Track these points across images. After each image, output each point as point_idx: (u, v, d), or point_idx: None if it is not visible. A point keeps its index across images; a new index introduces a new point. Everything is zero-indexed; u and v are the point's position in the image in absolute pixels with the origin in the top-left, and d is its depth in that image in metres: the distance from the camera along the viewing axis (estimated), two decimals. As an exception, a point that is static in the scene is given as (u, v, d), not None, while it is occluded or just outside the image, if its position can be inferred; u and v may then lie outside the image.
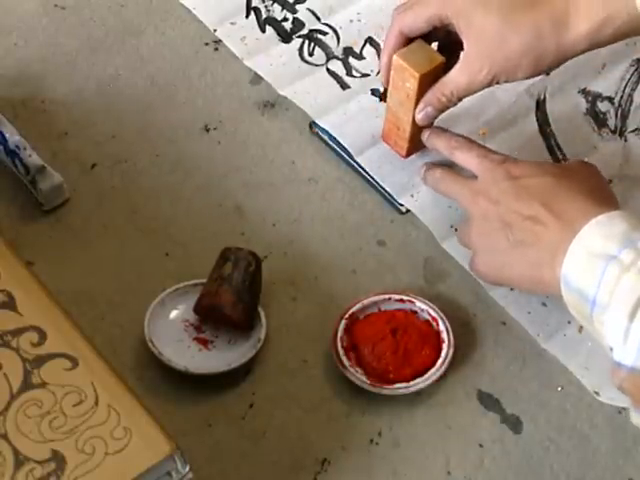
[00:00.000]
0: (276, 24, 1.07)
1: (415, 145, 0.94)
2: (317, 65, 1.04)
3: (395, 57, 0.89)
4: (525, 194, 0.82)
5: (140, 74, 1.03)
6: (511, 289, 0.88)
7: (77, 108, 1.00)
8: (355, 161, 0.96)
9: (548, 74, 0.99)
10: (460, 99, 0.89)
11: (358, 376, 0.82)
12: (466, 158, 0.88)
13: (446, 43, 0.89)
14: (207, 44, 1.06)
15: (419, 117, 0.90)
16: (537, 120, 0.99)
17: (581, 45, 0.85)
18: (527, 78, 0.86)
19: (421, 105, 0.90)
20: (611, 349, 0.72)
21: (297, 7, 1.08)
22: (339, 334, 0.84)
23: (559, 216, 0.79)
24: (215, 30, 1.06)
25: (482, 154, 0.88)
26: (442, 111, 0.90)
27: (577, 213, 0.77)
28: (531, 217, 0.80)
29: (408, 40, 0.89)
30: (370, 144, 0.96)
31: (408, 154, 0.95)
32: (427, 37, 0.89)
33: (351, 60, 1.04)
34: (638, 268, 0.71)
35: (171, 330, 0.85)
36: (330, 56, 1.04)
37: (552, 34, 0.84)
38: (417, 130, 0.92)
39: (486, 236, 0.84)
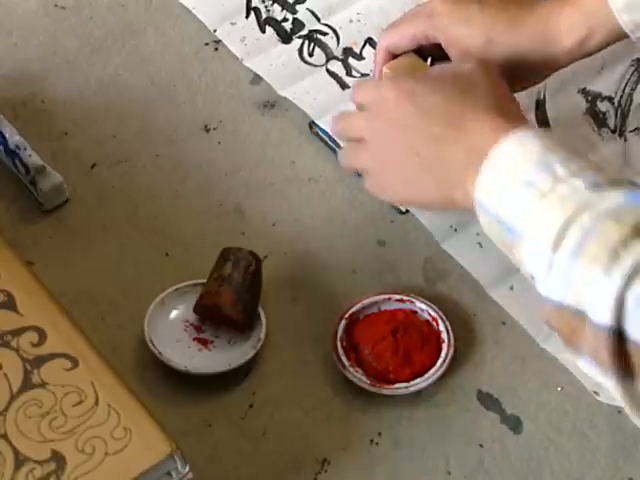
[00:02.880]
0: (276, 24, 1.07)
1: None
2: (317, 65, 1.04)
3: (384, 70, 0.89)
4: (428, 114, 0.78)
5: (140, 74, 1.03)
6: (511, 289, 0.88)
7: (77, 108, 1.00)
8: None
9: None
10: None
11: (358, 376, 0.82)
12: (364, 96, 0.83)
13: (438, 57, 0.89)
14: (207, 44, 1.06)
15: None
16: (537, 120, 0.99)
17: (565, 60, 0.86)
18: (514, 92, 0.84)
19: None
20: (532, 277, 0.69)
21: (297, 7, 1.08)
22: (339, 334, 0.84)
23: (466, 134, 0.75)
24: (215, 30, 1.06)
25: (376, 82, 0.86)
26: None
27: (485, 131, 0.73)
28: (436, 137, 0.77)
29: (396, 56, 0.90)
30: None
31: None
32: (420, 51, 0.90)
33: (351, 60, 1.04)
34: (557, 195, 0.67)
35: (171, 330, 0.85)
36: (330, 56, 1.04)
37: (534, 52, 0.85)
38: None
39: (388, 158, 0.80)
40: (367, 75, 1.02)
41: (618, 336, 0.62)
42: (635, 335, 0.62)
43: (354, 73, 1.03)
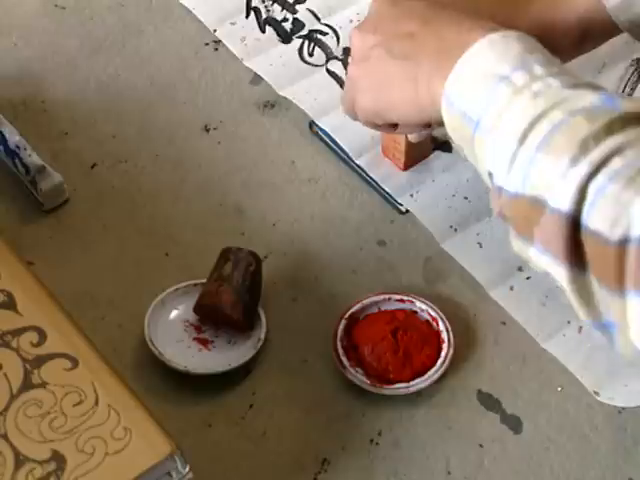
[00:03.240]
0: (276, 24, 1.07)
1: (413, 157, 0.95)
2: (317, 65, 1.04)
3: None
4: (405, 15, 0.78)
5: (140, 74, 1.03)
6: (511, 289, 0.88)
7: (77, 108, 1.00)
8: (355, 162, 0.96)
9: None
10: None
11: (358, 376, 0.82)
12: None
13: None
14: (207, 44, 1.06)
15: (411, 137, 0.90)
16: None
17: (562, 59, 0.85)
18: None
19: None
20: (490, 174, 0.68)
21: (297, 7, 1.08)
22: (339, 334, 0.84)
23: (440, 32, 0.74)
24: (215, 30, 1.06)
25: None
26: (433, 129, 0.89)
27: (463, 32, 0.72)
28: (410, 34, 0.76)
29: None
30: (370, 146, 0.96)
31: (406, 167, 0.95)
32: None
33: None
34: (532, 91, 0.66)
35: (171, 330, 0.85)
36: (330, 56, 1.04)
37: None
38: (414, 143, 0.92)
39: (365, 69, 0.80)
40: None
41: (574, 224, 0.62)
42: (593, 224, 0.61)
43: (354, 73, 1.03)
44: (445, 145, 0.97)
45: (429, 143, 0.96)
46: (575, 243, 0.62)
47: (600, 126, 0.63)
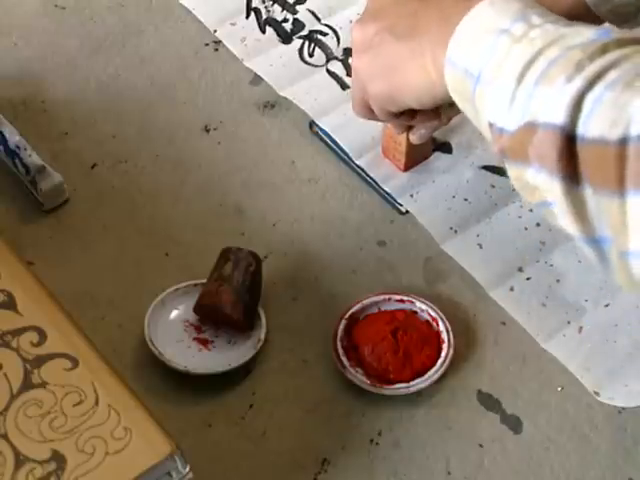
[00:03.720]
0: (276, 25, 1.07)
1: (413, 158, 0.95)
2: (317, 66, 1.04)
3: None
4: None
5: (140, 74, 1.03)
6: (511, 289, 0.88)
7: (77, 108, 1.00)
8: (355, 162, 0.96)
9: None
10: (449, 119, 0.88)
11: (358, 376, 0.82)
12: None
13: None
14: (207, 45, 1.06)
15: (413, 138, 0.90)
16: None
17: None
18: None
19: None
20: (490, 124, 0.68)
21: (297, 8, 1.08)
22: (339, 334, 0.84)
23: (440, 5, 0.75)
24: (215, 31, 1.06)
25: None
26: (435, 129, 0.89)
27: (460, 5, 0.72)
28: (412, 13, 0.77)
29: None
30: (370, 146, 0.96)
31: (407, 168, 0.95)
32: None
33: (351, 61, 1.04)
34: (529, 38, 0.66)
35: (171, 330, 0.85)
36: (330, 57, 1.04)
37: None
38: (415, 144, 0.92)
39: (371, 56, 0.80)
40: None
41: (569, 137, 0.62)
42: (591, 132, 0.61)
43: (354, 73, 1.03)
44: (445, 146, 0.97)
45: (429, 144, 0.96)
46: (569, 155, 0.62)
47: (595, 49, 0.63)
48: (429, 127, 0.89)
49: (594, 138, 0.61)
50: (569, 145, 0.62)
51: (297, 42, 1.06)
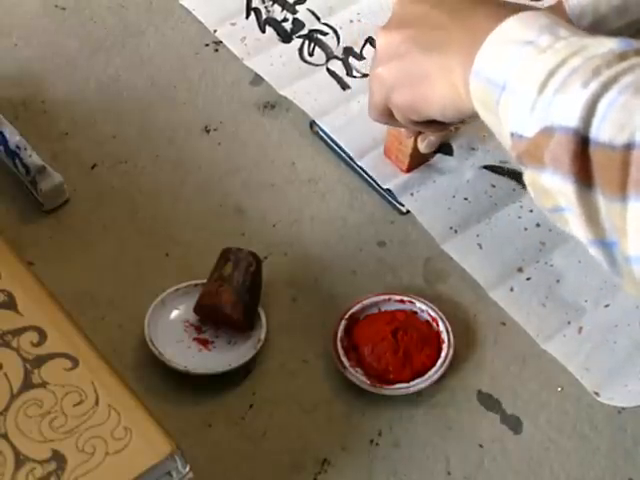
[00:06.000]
0: (276, 24, 1.07)
1: (416, 160, 0.95)
2: (317, 65, 1.04)
3: None
4: (433, 8, 0.78)
5: (140, 74, 1.03)
6: (511, 290, 0.88)
7: (77, 108, 1.00)
8: (355, 163, 0.96)
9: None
10: (457, 129, 0.88)
11: (358, 376, 0.82)
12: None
13: None
14: (207, 45, 1.06)
15: (422, 147, 0.90)
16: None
17: None
18: None
19: (422, 135, 0.90)
20: (512, 134, 0.68)
21: (297, 7, 1.08)
22: (339, 334, 0.84)
23: (471, 21, 0.74)
24: (215, 31, 1.06)
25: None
26: (443, 137, 0.89)
27: (488, 17, 0.72)
28: (440, 25, 0.77)
29: None
30: (371, 147, 0.96)
31: (409, 169, 0.95)
32: None
33: (351, 60, 1.04)
34: (554, 49, 0.67)
35: (171, 330, 0.85)
36: (330, 56, 1.04)
37: None
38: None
39: (397, 66, 0.80)
40: (367, 75, 1.02)
41: (583, 140, 0.62)
42: (602, 136, 0.61)
43: (354, 73, 1.03)
44: (446, 148, 0.97)
45: None
46: (583, 158, 0.62)
47: (613, 57, 0.64)
48: (438, 135, 0.89)
49: (604, 142, 0.61)
50: (583, 148, 0.62)
51: (297, 41, 1.06)
